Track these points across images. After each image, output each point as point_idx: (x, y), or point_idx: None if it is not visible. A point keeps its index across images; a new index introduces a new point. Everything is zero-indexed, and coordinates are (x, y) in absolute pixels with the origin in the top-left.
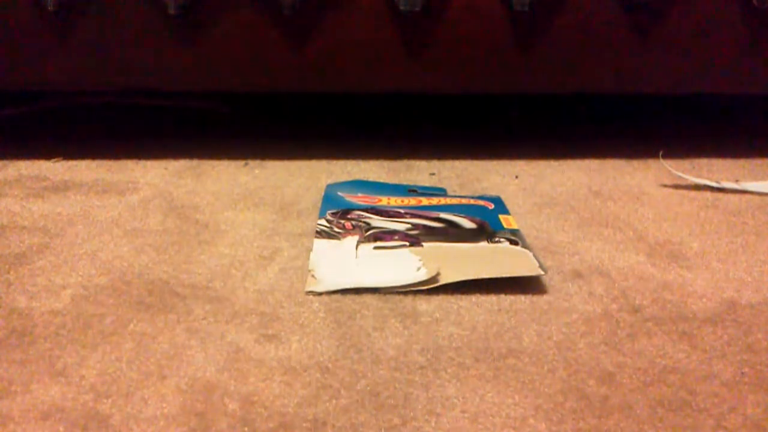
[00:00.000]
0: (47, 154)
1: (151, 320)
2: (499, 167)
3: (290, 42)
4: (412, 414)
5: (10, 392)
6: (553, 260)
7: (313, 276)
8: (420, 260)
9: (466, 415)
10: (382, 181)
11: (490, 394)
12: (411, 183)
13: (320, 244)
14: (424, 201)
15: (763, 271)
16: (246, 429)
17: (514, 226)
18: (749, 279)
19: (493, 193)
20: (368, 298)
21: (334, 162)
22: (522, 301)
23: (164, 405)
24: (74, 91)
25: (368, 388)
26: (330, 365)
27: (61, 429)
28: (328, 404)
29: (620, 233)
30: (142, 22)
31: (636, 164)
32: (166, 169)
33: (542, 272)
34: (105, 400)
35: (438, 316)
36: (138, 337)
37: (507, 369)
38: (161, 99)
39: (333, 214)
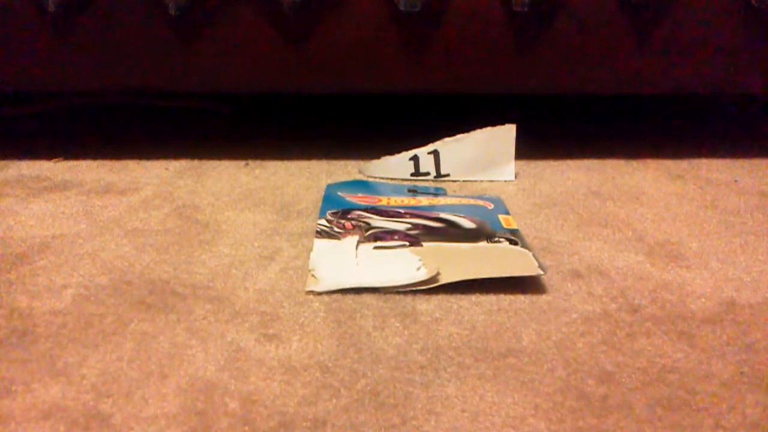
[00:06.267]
0: (48, 154)
1: (152, 320)
2: None
3: (290, 42)
4: (412, 413)
5: (11, 392)
6: (552, 260)
7: (313, 276)
8: (420, 260)
9: (466, 414)
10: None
11: (489, 394)
12: (411, 183)
13: (320, 243)
14: (424, 201)
15: (761, 271)
16: (246, 428)
17: (514, 226)
18: (748, 279)
19: (492, 193)
20: (368, 298)
21: (334, 162)
22: (521, 300)
23: (165, 404)
24: (74, 91)
25: (368, 387)
26: (330, 365)
27: (62, 428)
28: (328, 403)
29: (619, 233)
30: (141, 22)
31: (635, 164)
32: (166, 169)
33: (541, 272)
34: (106, 400)
35: (438, 315)
36: (139, 336)
37: (506, 368)
38: (161, 99)
39: (333, 214)
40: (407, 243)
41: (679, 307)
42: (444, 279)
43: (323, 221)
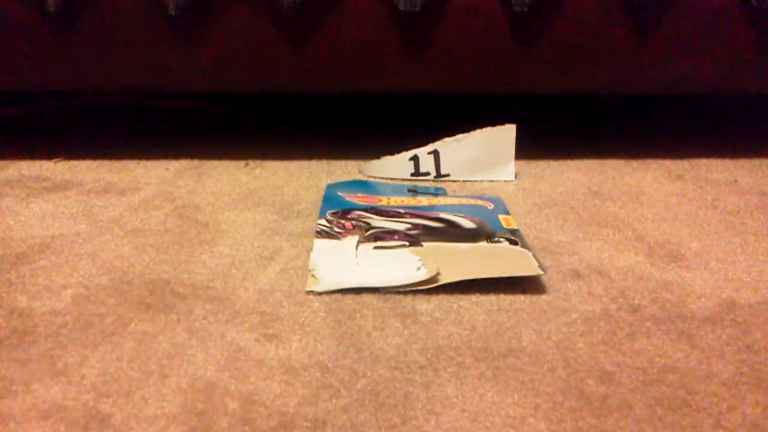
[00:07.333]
0: (48, 154)
1: (152, 320)
2: None
3: (290, 42)
4: (412, 413)
5: (11, 392)
6: (552, 260)
7: (313, 276)
8: (420, 260)
9: (465, 414)
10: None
11: (489, 394)
12: (411, 183)
13: (320, 243)
14: (424, 201)
15: (761, 271)
16: (246, 428)
17: (514, 226)
18: (748, 279)
19: (492, 193)
20: (368, 298)
21: (334, 162)
22: (521, 300)
23: (165, 404)
24: (74, 91)
25: (368, 387)
26: (330, 365)
27: (62, 428)
28: (328, 403)
29: (619, 233)
30: (142, 22)
31: (635, 164)
32: (167, 169)
33: (541, 272)
34: (106, 400)
35: (438, 315)
36: (139, 336)
37: (506, 368)
38: (161, 99)
39: (333, 214)
40: (407, 243)
41: (679, 307)
42: (444, 279)
43: (323, 221)
